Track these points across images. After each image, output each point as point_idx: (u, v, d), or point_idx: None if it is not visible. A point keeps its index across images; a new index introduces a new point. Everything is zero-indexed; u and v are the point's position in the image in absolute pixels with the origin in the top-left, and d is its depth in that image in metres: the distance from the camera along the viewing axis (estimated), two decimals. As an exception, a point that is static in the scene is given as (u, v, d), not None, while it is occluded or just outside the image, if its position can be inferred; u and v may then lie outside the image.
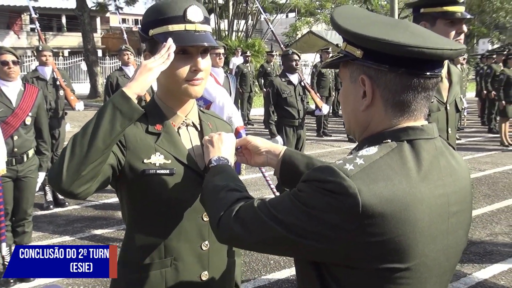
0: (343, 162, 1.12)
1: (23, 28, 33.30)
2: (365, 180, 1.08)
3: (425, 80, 1.16)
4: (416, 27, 1.22)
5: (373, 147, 1.16)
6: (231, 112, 4.73)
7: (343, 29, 1.20)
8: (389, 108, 1.19)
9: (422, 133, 1.18)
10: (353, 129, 1.30)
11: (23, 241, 4.49)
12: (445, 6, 2.70)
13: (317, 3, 30.68)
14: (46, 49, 6.43)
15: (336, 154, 10.07)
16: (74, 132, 1.50)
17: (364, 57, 1.18)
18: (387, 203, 1.07)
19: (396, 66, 1.15)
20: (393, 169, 1.11)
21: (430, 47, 1.11)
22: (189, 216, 1.68)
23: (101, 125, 1.46)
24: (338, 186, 1.08)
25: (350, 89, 1.25)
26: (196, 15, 1.62)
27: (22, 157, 4.31)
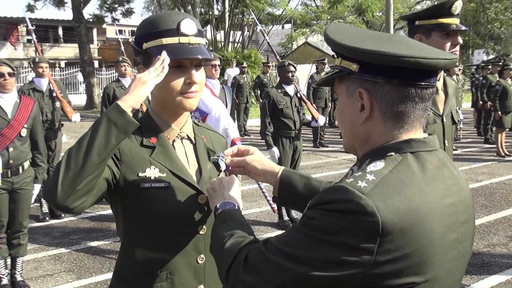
0: (354, 180, 1.10)
1: (19, 39, 33.34)
2: (381, 196, 1.07)
3: (422, 90, 1.18)
4: (409, 40, 1.24)
5: (379, 161, 1.15)
6: (227, 123, 4.73)
7: (338, 44, 1.21)
8: (388, 120, 1.19)
9: (425, 145, 1.20)
10: (353, 144, 1.29)
11: (18, 253, 4.46)
12: (440, 18, 2.72)
13: (313, 14, 30.85)
14: (42, 60, 6.43)
15: (333, 165, 10.07)
16: (71, 144, 1.50)
17: (360, 70, 1.19)
18: (404, 217, 1.06)
19: (393, 77, 1.16)
20: (404, 182, 1.11)
21: (426, 57, 1.13)
22: (185, 230, 1.68)
23: (96, 138, 1.45)
24: (354, 205, 1.05)
25: (347, 103, 1.25)
26: (190, 28, 1.62)
27: (18, 169, 4.29)
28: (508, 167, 9.75)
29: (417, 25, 2.77)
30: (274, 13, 29.02)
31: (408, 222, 1.06)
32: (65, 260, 5.17)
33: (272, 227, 6.17)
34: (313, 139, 12.41)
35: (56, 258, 5.24)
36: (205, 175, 1.74)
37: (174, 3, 25.31)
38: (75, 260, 5.15)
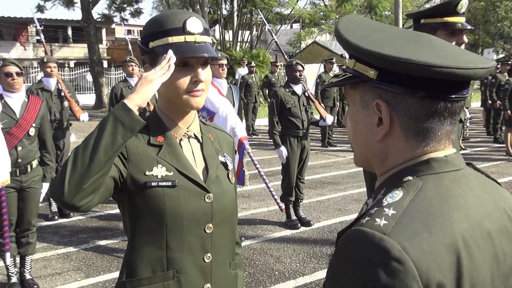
0: (371, 219, 0.91)
1: (29, 40, 33.51)
2: (406, 234, 0.87)
3: (452, 104, 0.99)
4: (439, 42, 1.05)
5: (396, 191, 0.96)
6: (235, 123, 4.74)
7: (353, 45, 1.01)
8: (411, 138, 1.01)
9: (447, 165, 1.01)
10: (369, 161, 1.11)
11: (27, 252, 4.49)
12: (445, 17, 2.70)
13: (321, 13, 30.78)
14: (50, 60, 6.47)
15: (341, 164, 10.05)
16: (79, 143, 1.51)
17: (379, 78, 1.00)
18: (439, 256, 0.87)
19: (419, 88, 0.97)
20: (430, 212, 0.92)
21: (462, 67, 0.94)
22: (192, 229, 1.68)
23: (103, 137, 1.46)
24: (376, 250, 0.86)
25: (361, 115, 1.06)
26: (196, 27, 1.63)
27: (26, 168, 4.32)
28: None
29: (423, 23, 2.76)
30: (282, 13, 28.98)
31: (446, 260, 0.87)
32: (74, 258, 5.20)
33: (280, 226, 6.17)
34: (321, 139, 12.39)
35: (65, 256, 5.27)
36: (212, 174, 1.74)
37: (183, 3, 25.35)
38: (83, 259, 5.18)
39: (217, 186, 1.74)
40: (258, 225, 6.27)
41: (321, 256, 5.20)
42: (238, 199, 7.28)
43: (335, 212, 6.79)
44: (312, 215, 6.59)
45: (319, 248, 5.42)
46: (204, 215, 1.69)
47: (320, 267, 4.90)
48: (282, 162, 6.13)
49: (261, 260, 5.11)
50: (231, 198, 1.82)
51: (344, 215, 6.63)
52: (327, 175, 9.13)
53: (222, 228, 1.76)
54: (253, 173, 6.43)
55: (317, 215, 6.65)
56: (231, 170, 1.85)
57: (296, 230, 6.03)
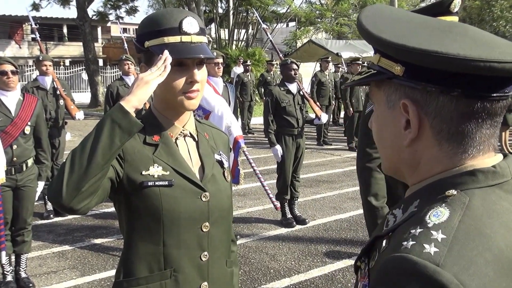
0: (417, 243, 0.77)
1: (24, 38, 33.44)
2: (461, 264, 0.73)
3: (492, 104, 0.85)
4: (477, 31, 0.91)
5: (439, 207, 0.83)
6: (230, 121, 4.76)
7: (376, 37, 0.90)
8: (445, 143, 0.88)
9: (495, 177, 0.87)
10: (398, 169, 0.99)
11: (22, 250, 4.49)
12: (439, 16, 2.71)
13: (317, 12, 30.82)
14: (46, 59, 6.46)
15: (336, 163, 10.08)
16: (75, 142, 1.53)
17: (406, 74, 0.88)
18: (499, 284, 0.74)
19: (452, 86, 0.84)
20: (482, 235, 0.78)
21: (502, 60, 0.80)
22: (188, 228, 1.68)
23: (100, 140, 1.46)
24: (428, 284, 0.73)
25: (387, 117, 0.95)
26: (192, 27, 1.62)
27: (22, 166, 4.32)
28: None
29: None
30: (278, 11, 29.00)
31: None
32: (69, 257, 5.20)
33: (276, 224, 6.19)
34: (317, 137, 12.42)
35: (60, 255, 5.27)
36: (208, 172, 1.75)
37: (179, 1, 25.35)
38: (79, 257, 5.18)
39: (213, 184, 1.75)
40: (253, 223, 6.29)
41: (316, 254, 5.22)
42: (234, 197, 7.30)
43: (331, 210, 6.82)
44: (307, 213, 6.62)
45: (314, 246, 5.44)
46: (201, 214, 1.70)
47: (315, 265, 4.92)
48: (277, 160, 6.15)
49: (256, 258, 5.13)
50: (227, 197, 1.82)
51: (340, 213, 6.65)
52: (322, 173, 9.16)
53: (219, 226, 1.77)
54: (249, 171, 6.44)
55: (313, 213, 6.67)
56: (226, 169, 1.86)
57: (292, 228, 6.05)
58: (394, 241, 0.84)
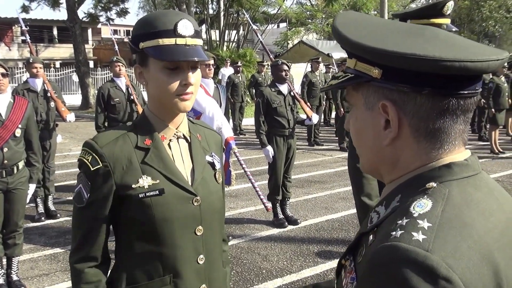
0: (405, 232, 0.82)
1: (14, 40, 33.26)
2: (448, 249, 0.79)
3: (465, 100, 0.92)
4: (446, 34, 0.96)
5: (422, 199, 0.88)
6: (221, 122, 4.77)
7: (353, 43, 0.94)
8: (423, 140, 0.93)
9: (468, 169, 0.94)
10: (376, 167, 1.03)
11: (14, 253, 4.47)
12: (432, 18, 2.76)
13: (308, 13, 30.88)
14: (36, 61, 6.43)
15: (327, 163, 10.11)
16: (66, 144, 1.54)
17: (383, 77, 0.92)
18: (480, 270, 0.80)
19: (428, 86, 0.89)
20: (463, 222, 0.84)
21: (474, 60, 0.87)
22: (182, 233, 1.69)
23: None
24: (421, 269, 0.77)
25: (366, 118, 0.98)
26: (187, 29, 1.62)
27: (12, 169, 4.30)
28: (502, 164, 9.81)
29: None
30: (269, 12, 29.03)
31: (486, 274, 0.81)
32: (61, 259, 5.19)
33: (268, 225, 6.21)
34: (308, 138, 12.45)
35: (52, 257, 5.25)
36: (198, 176, 1.75)
37: (169, 2, 25.30)
38: (70, 260, 5.16)
39: (204, 187, 1.75)
40: (245, 224, 6.30)
41: (308, 254, 5.24)
42: (226, 198, 7.29)
43: (322, 211, 6.84)
44: (299, 214, 6.64)
45: (306, 246, 5.46)
46: (193, 218, 1.71)
47: (307, 265, 4.95)
48: (269, 161, 6.16)
49: (248, 258, 5.14)
50: (219, 198, 1.83)
51: (331, 213, 6.68)
52: (314, 174, 9.19)
53: (212, 228, 1.78)
54: (240, 172, 6.45)
55: (304, 214, 6.69)
56: (218, 170, 1.86)
57: (283, 228, 6.07)
58: (381, 234, 0.87)
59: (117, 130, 1.70)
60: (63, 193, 7.82)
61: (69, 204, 7.25)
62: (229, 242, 5.53)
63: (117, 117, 6.61)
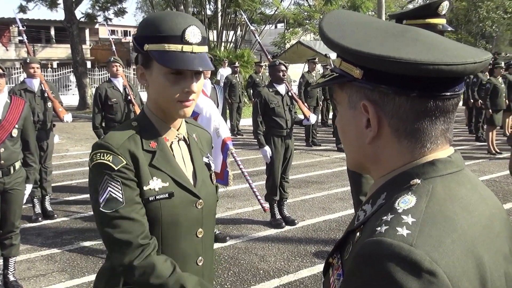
0: (390, 227, 0.83)
1: (11, 40, 33.20)
2: (432, 244, 0.81)
3: (444, 102, 0.93)
4: (428, 35, 0.98)
5: (407, 196, 0.90)
6: (218, 123, 4.77)
7: (335, 43, 0.96)
8: (403, 139, 0.95)
9: (452, 165, 0.95)
10: (362, 164, 1.05)
11: (10, 253, 4.47)
12: (427, 18, 2.76)
13: (305, 13, 30.90)
14: (33, 61, 6.42)
15: (325, 164, 10.11)
16: (63, 144, 1.52)
17: (364, 77, 0.94)
18: (464, 264, 0.82)
19: (407, 87, 0.91)
20: (447, 217, 0.86)
21: (450, 63, 0.87)
22: (185, 235, 1.70)
23: None
24: (406, 263, 0.78)
25: (349, 116, 1.01)
26: (194, 36, 1.60)
27: (9, 169, 4.30)
28: (499, 164, 9.82)
29: (405, 24, 2.81)
30: (266, 13, 29.04)
31: (471, 267, 0.82)
32: (58, 260, 5.18)
33: (265, 225, 6.20)
34: (305, 138, 12.45)
35: (49, 258, 5.25)
36: (199, 178, 1.76)
37: (167, 3, 25.29)
38: (68, 260, 5.16)
39: (204, 190, 1.76)
40: (243, 224, 6.29)
41: (305, 254, 5.24)
42: (223, 199, 7.32)
43: (320, 211, 6.84)
44: (296, 214, 6.64)
45: (303, 247, 5.46)
46: (196, 221, 1.72)
47: (304, 266, 4.95)
48: (266, 161, 6.16)
49: (246, 259, 5.14)
50: (215, 200, 1.85)
51: (329, 214, 6.68)
52: (311, 174, 9.19)
53: (209, 230, 1.80)
54: (237, 173, 6.44)
55: (302, 214, 6.69)
56: (213, 171, 1.88)
57: (281, 229, 6.07)
58: (367, 230, 0.89)
59: (125, 131, 1.67)
60: (60, 193, 7.81)
61: (66, 205, 7.25)
62: (227, 242, 5.56)
63: (114, 117, 6.60)
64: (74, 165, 10.09)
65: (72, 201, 7.48)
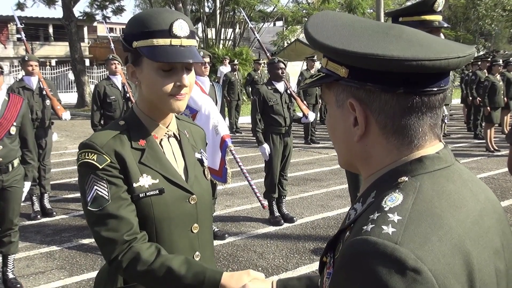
0: (376, 225, 0.84)
1: (9, 38, 33.14)
2: (417, 241, 0.81)
3: (430, 98, 0.93)
4: (412, 32, 0.98)
5: (394, 194, 0.90)
6: (217, 120, 4.77)
7: (320, 44, 0.97)
8: (391, 136, 0.95)
9: (440, 161, 0.95)
10: (352, 163, 1.06)
11: (9, 251, 4.47)
12: (423, 15, 2.77)
13: (304, 11, 30.88)
14: (32, 59, 6.42)
15: (324, 161, 10.12)
16: (61, 142, 1.52)
17: (350, 76, 0.95)
18: (451, 261, 0.82)
19: (392, 84, 0.92)
20: (434, 214, 0.86)
21: (433, 58, 0.88)
22: (179, 231, 1.70)
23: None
24: (390, 261, 0.79)
25: (337, 115, 1.01)
26: (182, 30, 1.60)
27: (7, 167, 4.30)
28: (497, 162, 9.84)
29: (401, 21, 2.83)
30: (265, 11, 29.03)
31: (458, 264, 0.82)
32: (57, 257, 5.19)
33: (264, 223, 6.21)
34: (304, 136, 12.46)
35: (48, 255, 5.25)
36: (191, 174, 1.77)
37: (165, 1, 25.27)
38: (67, 258, 5.17)
39: (198, 186, 1.76)
40: (241, 222, 6.30)
41: (303, 251, 5.25)
42: (222, 196, 7.31)
43: (318, 209, 6.85)
44: (295, 212, 6.65)
45: (302, 244, 5.47)
46: (190, 216, 1.72)
47: (302, 263, 4.96)
48: (265, 159, 6.17)
49: (244, 256, 5.15)
50: (209, 195, 1.85)
51: (327, 211, 6.69)
52: (310, 172, 9.20)
53: (205, 225, 1.80)
54: (236, 170, 6.46)
55: (300, 212, 6.70)
56: (206, 167, 1.88)
57: (279, 226, 6.08)
58: (355, 229, 0.89)
59: (111, 130, 1.67)
60: (59, 191, 7.82)
61: (65, 202, 7.26)
62: (225, 240, 5.57)
63: (113, 115, 6.60)
64: (72, 163, 10.09)
65: (70, 199, 7.48)
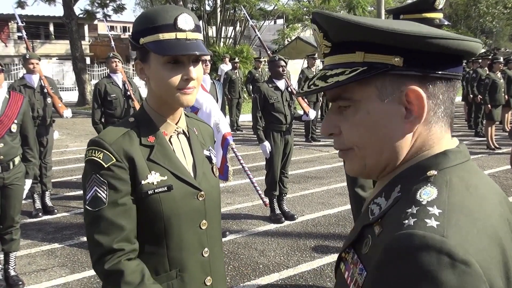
0: (419, 219, 0.82)
1: (10, 36, 33.15)
2: (461, 233, 0.80)
3: (456, 84, 0.94)
4: (413, 22, 0.96)
5: (427, 187, 0.88)
6: (218, 118, 4.78)
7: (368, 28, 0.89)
8: (435, 126, 0.94)
9: (461, 156, 0.94)
10: (385, 165, 0.98)
11: (11, 248, 4.48)
12: (424, 12, 2.77)
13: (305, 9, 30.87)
14: (33, 57, 6.43)
15: (324, 159, 10.12)
16: (63, 140, 1.53)
17: (405, 64, 0.90)
18: (491, 252, 0.81)
19: (444, 68, 0.91)
20: (468, 207, 0.85)
21: (471, 40, 0.90)
22: (188, 228, 1.71)
23: None
24: (440, 254, 0.77)
25: (383, 112, 0.93)
26: (187, 23, 1.62)
27: (8, 165, 4.31)
28: (498, 159, 9.84)
29: (402, 19, 2.83)
30: (265, 9, 29.01)
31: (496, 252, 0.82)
32: (59, 255, 5.20)
33: (264, 220, 6.22)
34: (305, 134, 12.47)
35: (50, 253, 5.26)
36: (200, 171, 1.78)
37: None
38: (68, 255, 5.18)
39: (206, 182, 1.77)
40: (242, 219, 6.31)
41: (304, 249, 5.26)
42: (223, 194, 7.31)
43: (319, 206, 6.86)
44: (296, 209, 6.65)
45: (302, 242, 5.48)
46: (199, 213, 1.73)
47: (303, 260, 4.96)
48: (266, 157, 6.17)
49: (245, 253, 5.16)
50: (218, 192, 1.86)
51: (328, 209, 6.70)
52: (310, 169, 9.20)
53: (214, 221, 1.81)
54: (237, 168, 6.47)
55: (301, 209, 6.71)
56: (214, 164, 1.89)
57: (280, 224, 6.09)
58: (391, 224, 0.87)
59: (121, 127, 1.68)
60: (60, 189, 7.83)
61: (66, 200, 7.27)
62: (227, 237, 5.58)
63: (114, 113, 6.61)
64: (73, 161, 10.11)
65: (72, 196, 7.49)
